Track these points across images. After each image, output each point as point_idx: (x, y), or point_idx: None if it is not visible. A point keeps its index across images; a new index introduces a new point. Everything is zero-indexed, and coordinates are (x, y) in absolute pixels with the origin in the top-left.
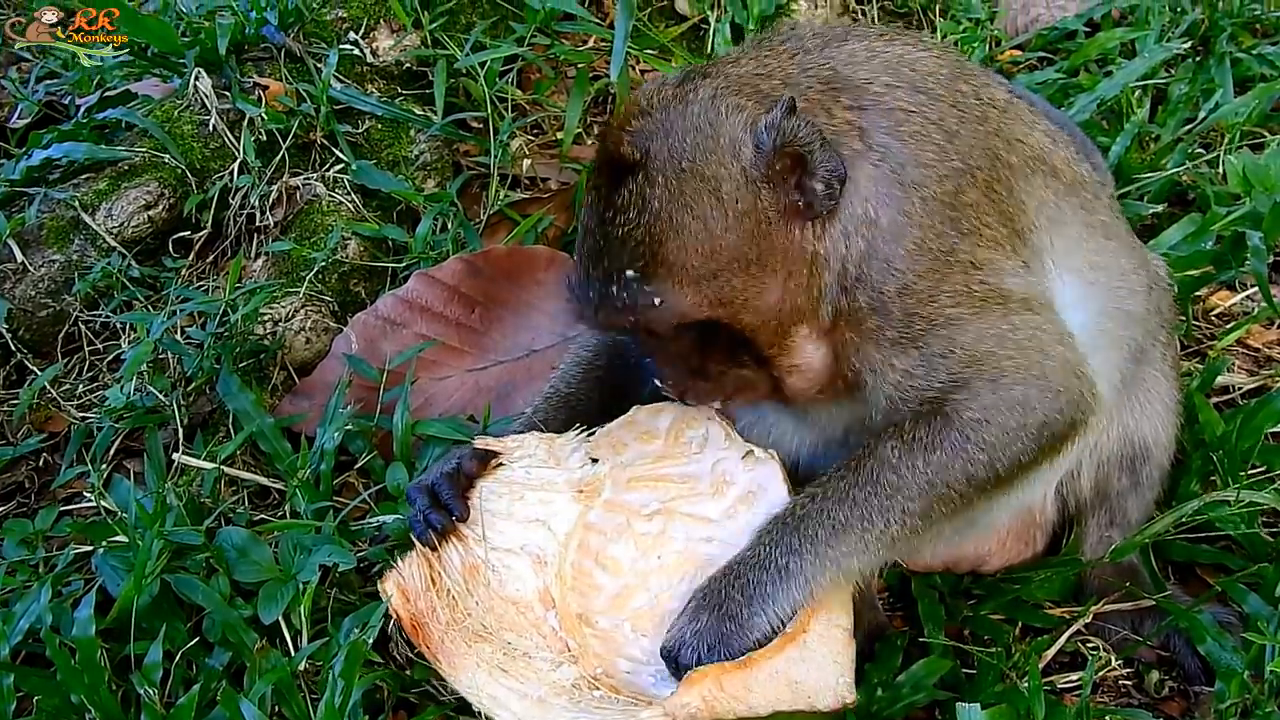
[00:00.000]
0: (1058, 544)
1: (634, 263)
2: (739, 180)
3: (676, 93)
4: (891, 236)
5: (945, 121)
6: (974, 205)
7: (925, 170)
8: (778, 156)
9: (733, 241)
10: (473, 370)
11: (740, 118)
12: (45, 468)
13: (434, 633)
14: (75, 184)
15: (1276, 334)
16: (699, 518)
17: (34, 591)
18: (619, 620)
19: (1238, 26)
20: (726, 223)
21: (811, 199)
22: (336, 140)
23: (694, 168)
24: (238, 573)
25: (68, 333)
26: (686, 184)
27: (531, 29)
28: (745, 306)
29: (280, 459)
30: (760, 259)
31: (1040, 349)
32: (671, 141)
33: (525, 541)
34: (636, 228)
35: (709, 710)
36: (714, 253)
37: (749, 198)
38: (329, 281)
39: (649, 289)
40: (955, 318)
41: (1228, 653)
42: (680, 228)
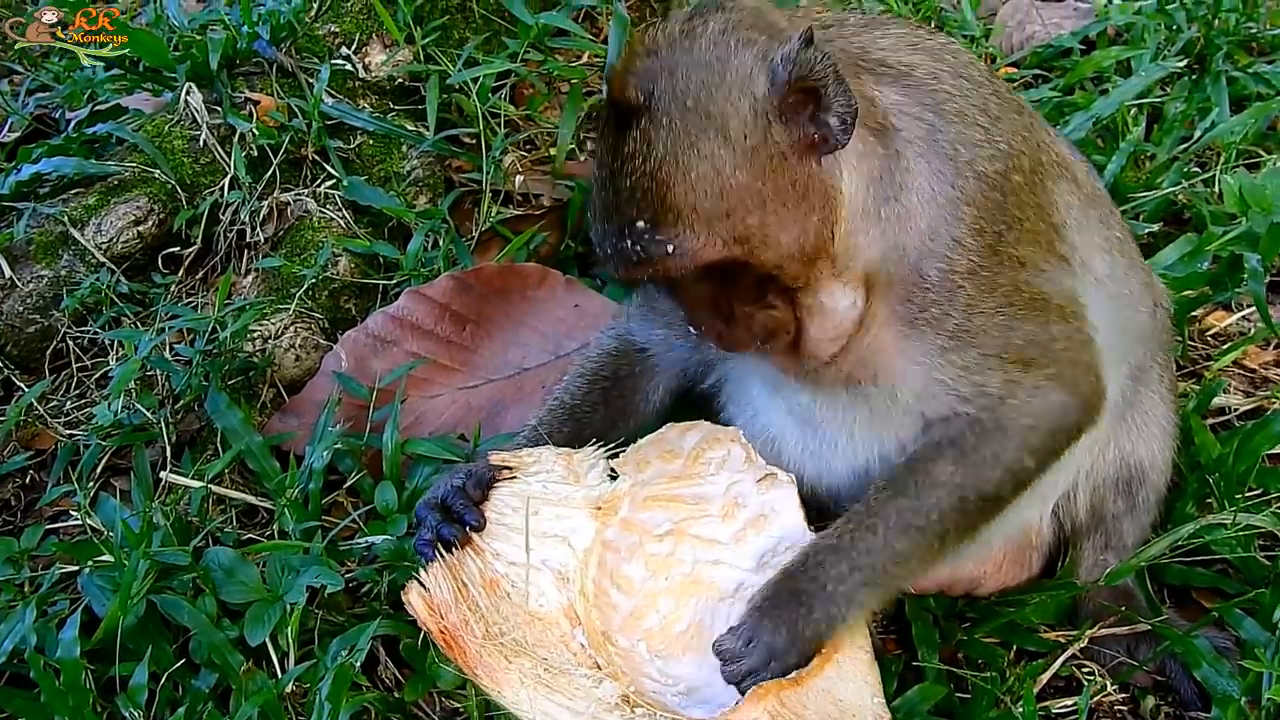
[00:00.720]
0: (1053, 567)
1: (644, 212)
2: (748, 116)
3: (684, 28)
4: (952, 214)
5: (988, 106)
6: (1017, 191)
7: (974, 149)
8: (791, 91)
9: (744, 180)
10: (463, 388)
11: (751, 51)
12: (32, 485)
13: (469, 647)
14: (64, 199)
15: (1273, 355)
16: (707, 540)
17: (18, 612)
18: (635, 640)
19: (1234, 45)
20: (736, 160)
21: (826, 133)
22: (328, 156)
23: (700, 105)
24: (225, 593)
25: (56, 349)
26: (692, 122)
27: (525, 44)
28: (764, 243)
29: (268, 478)
30: (776, 195)
31: (1073, 358)
32: (677, 80)
33: (546, 556)
34: (643, 175)
35: None
36: (724, 192)
37: (759, 133)
38: (319, 298)
39: (661, 237)
40: (1009, 316)
41: (1224, 678)
42: (688, 169)
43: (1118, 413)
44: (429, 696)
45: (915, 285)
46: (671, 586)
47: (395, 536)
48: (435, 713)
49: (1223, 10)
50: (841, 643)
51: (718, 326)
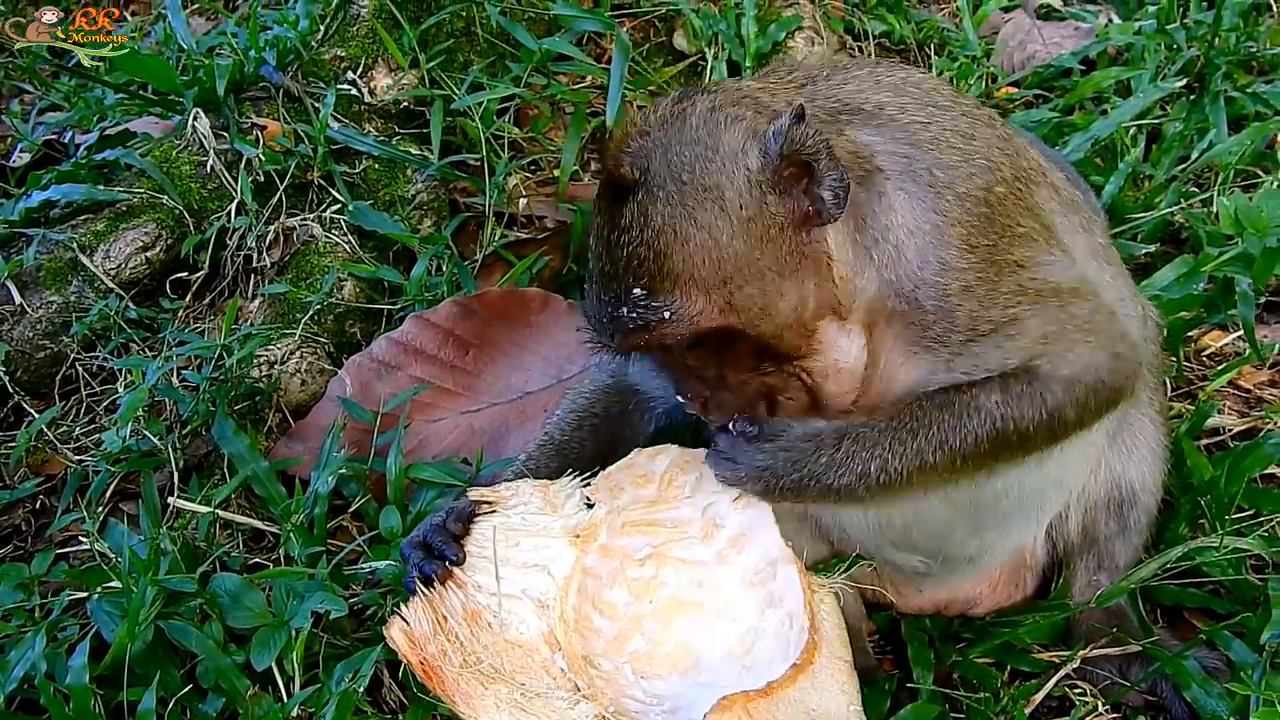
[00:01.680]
0: (1048, 588)
1: (640, 279)
2: (743, 187)
3: (674, 109)
4: (938, 239)
5: (959, 126)
6: (1003, 201)
7: (951, 171)
8: (785, 164)
9: (740, 248)
10: (466, 412)
11: (740, 127)
12: (42, 510)
13: (448, 675)
14: (73, 225)
15: (1268, 375)
16: (689, 561)
17: (29, 639)
18: (619, 663)
19: (1233, 65)
20: (733, 229)
21: (820, 206)
22: (333, 180)
23: (695, 179)
24: (231, 619)
25: (65, 375)
26: (688, 195)
27: (528, 69)
28: (761, 313)
29: (275, 503)
30: (773, 265)
31: (1101, 328)
32: (670, 156)
33: (526, 586)
34: (640, 244)
35: None
36: (722, 260)
37: (754, 204)
38: (325, 323)
39: (657, 303)
40: (1017, 316)
41: (1213, 699)
42: (685, 238)
43: (1108, 434)
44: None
45: (914, 312)
46: (656, 610)
47: (399, 561)
48: None
49: (1223, 30)
50: (816, 654)
51: (704, 394)
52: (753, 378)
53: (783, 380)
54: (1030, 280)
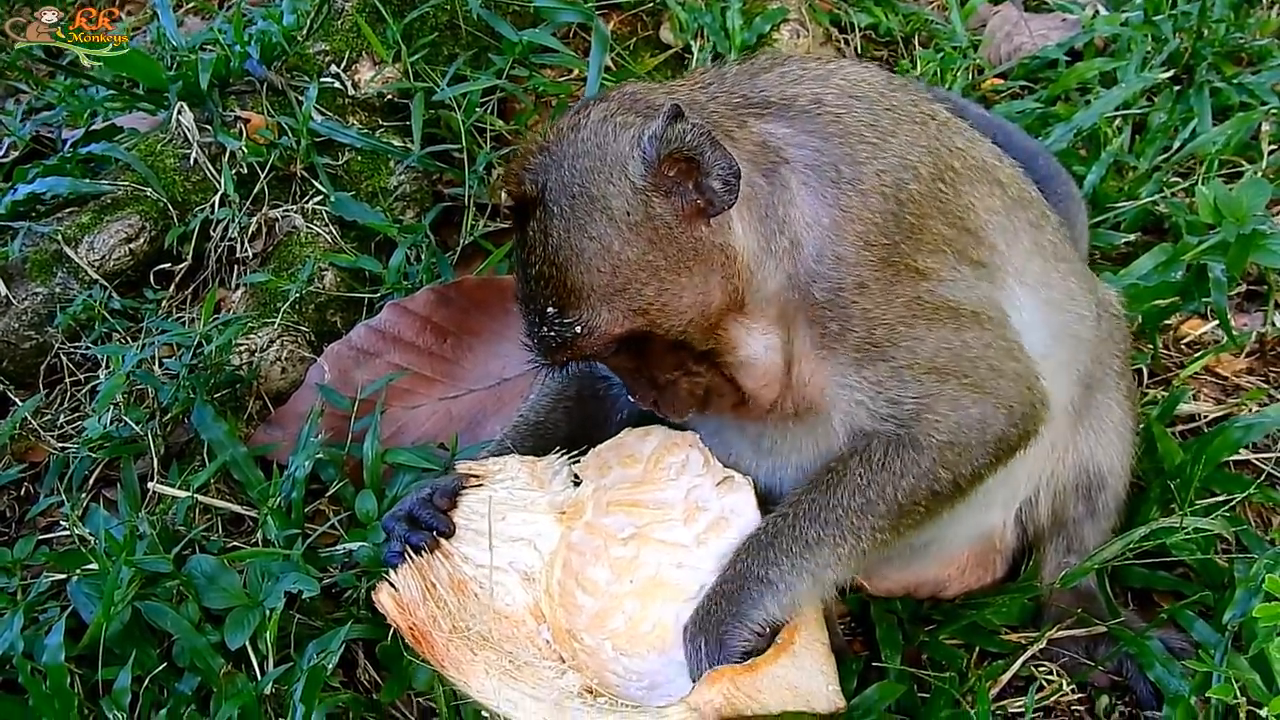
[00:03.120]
0: (1018, 570)
1: (550, 298)
2: (627, 194)
3: (570, 121)
4: (836, 233)
5: (879, 122)
6: (916, 201)
7: (859, 167)
8: (667, 164)
9: (633, 254)
10: (444, 399)
11: (627, 135)
12: (26, 497)
13: (438, 641)
14: (59, 217)
15: (1245, 363)
16: (671, 543)
17: (7, 619)
18: (600, 639)
19: (1220, 56)
20: (624, 237)
21: (711, 197)
22: (316, 172)
23: (584, 191)
24: (207, 599)
25: (49, 364)
26: (579, 208)
27: (510, 61)
28: (664, 311)
29: (252, 487)
30: (669, 263)
31: (991, 366)
32: (564, 170)
33: (512, 559)
34: (545, 263)
35: (730, 706)
36: (616, 268)
37: (640, 209)
38: (306, 312)
39: (568, 319)
40: (913, 327)
41: (1175, 678)
42: (580, 251)
43: (1072, 419)
44: (405, 697)
45: (812, 307)
46: (636, 589)
47: (375, 543)
48: (411, 713)
49: (1211, 21)
50: (795, 636)
51: (651, 394)
52: (679, 376)
53: (709, 378)
54: (928, 293)
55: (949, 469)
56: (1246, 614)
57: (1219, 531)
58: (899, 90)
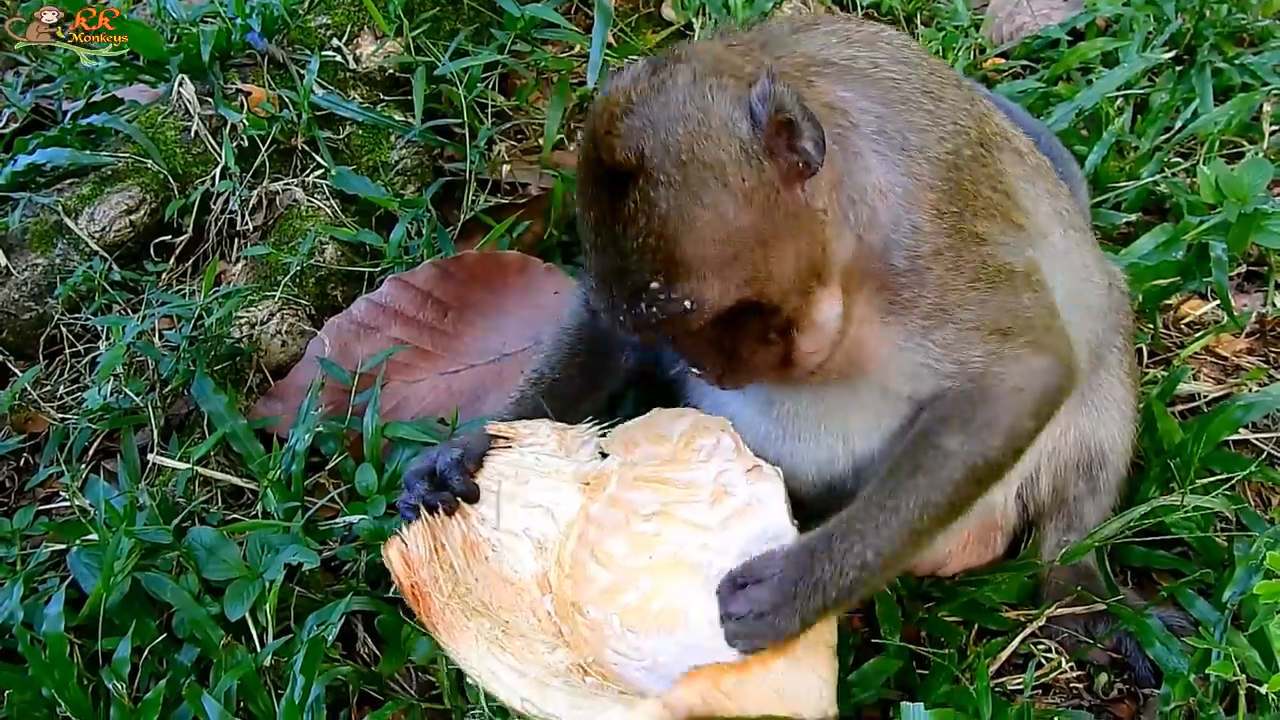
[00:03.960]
0: (1018, 548)
1: (656, 273)
2: (740, 158)
3: (654, 83)
4: (909, 201)
5: (930, 87)
6: (970, 167)
7: (924, 134)
8: (773, 125)
9: (747, 221)
10: (445, 373)
11: (726, 96)
12: (25, 468)
13: (435, 603)
14: (59, 189)
15: (1246, 343)
16: (695, 524)
17: (6, 588)
18: (609, 614)
19: (1221, 36)
20: (739, 204)
21: (807, 159)
22: (317, 146)
23: (694, 157)
24: (206, 571)
25: (50, 335)
26: (691, 175)
27: (512, 36)
28: (770, 278)
29: (252, 459)
30: (775, 229)
31: (1045, 324)
32: (664, 135)
33: (528, 525)
34: (649, 235)
35: (705, 707)
36: (730, 237)
37: (754, 173)
38: (306, 285)
39: (676, 295)
40: (979, 290)
41: (1174, 656)
42: (694, 221)
43: (1077, 395)
44: (405, 670)
45: (887, 275)
46: (654, 565)
47: (374, 516)
48: (411, 686)
49: (1212, 1)
50: (800, 637)
51: (720, 367)
52: (759, 347)
53: (779, 345)
54: (990, 256)
55: (1031, 417)
56: (1246, 592)
57: (1219, 510)
58: (927, 55)
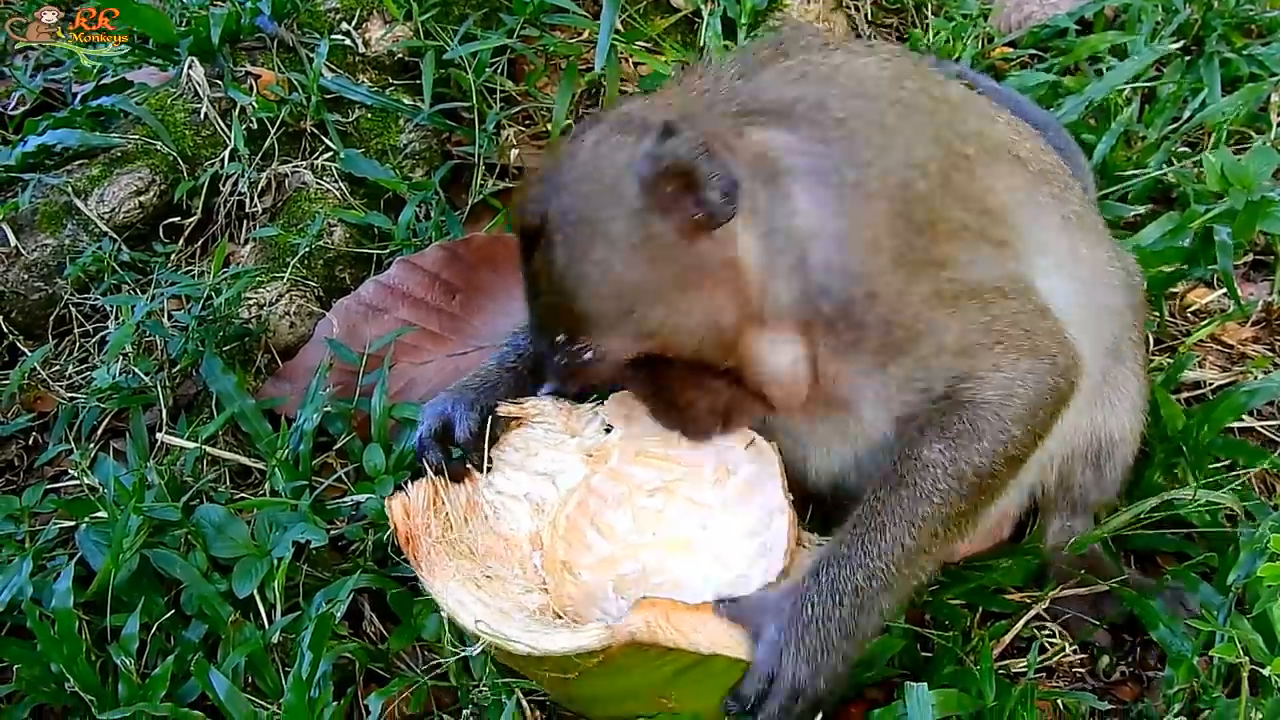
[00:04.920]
0: (1023, 531)
1: (560, 326)
2: (625, 216)
3: (568, 148)
4: (840, 242)
5: (885, 120)
6: (927, 197)
7: (864, 169)
8: (663, 181)
9: (636, 276)
10: (452, 355)
11: (621, 156)
12: (34, 446)
13: (424, 545)
14: (69, 170)
15: (1251, 331)
16: (698, 503)
17: (16, 564)
18: (604, 579)
19: (1230, 27)
20: (626, 260)
21: (711, 210)
22: (326, 129)
23: (583, 217)
24: (215, 548)
25: (59, 315)
26: (580, 234)
27: (521, 21)
28: (676, 331)
29: (260, 439)
30: (673, 283)
31: (1025, 329)
32: (563, 198)
33: (529, 490)
34: (551, 292)
35: (649, 634)
36: (620, 292)
37: (638, 230)
38: (314, 267)
39: (578, 346)
40: (936, 319)
41: (1177, 639)
42: (584, 277)
43: (1095, 391)
44: (411, 648)
45: (829, 317)
46: (659, 542)
47: (382, 496)
48: (418, 664)
49: None
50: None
51: (674, 418)
52: (698, 396)
53: (729, 394)
54: (949, 281)
55: (1017, 423)
56: (1250, 575)
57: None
58: (909, 79)
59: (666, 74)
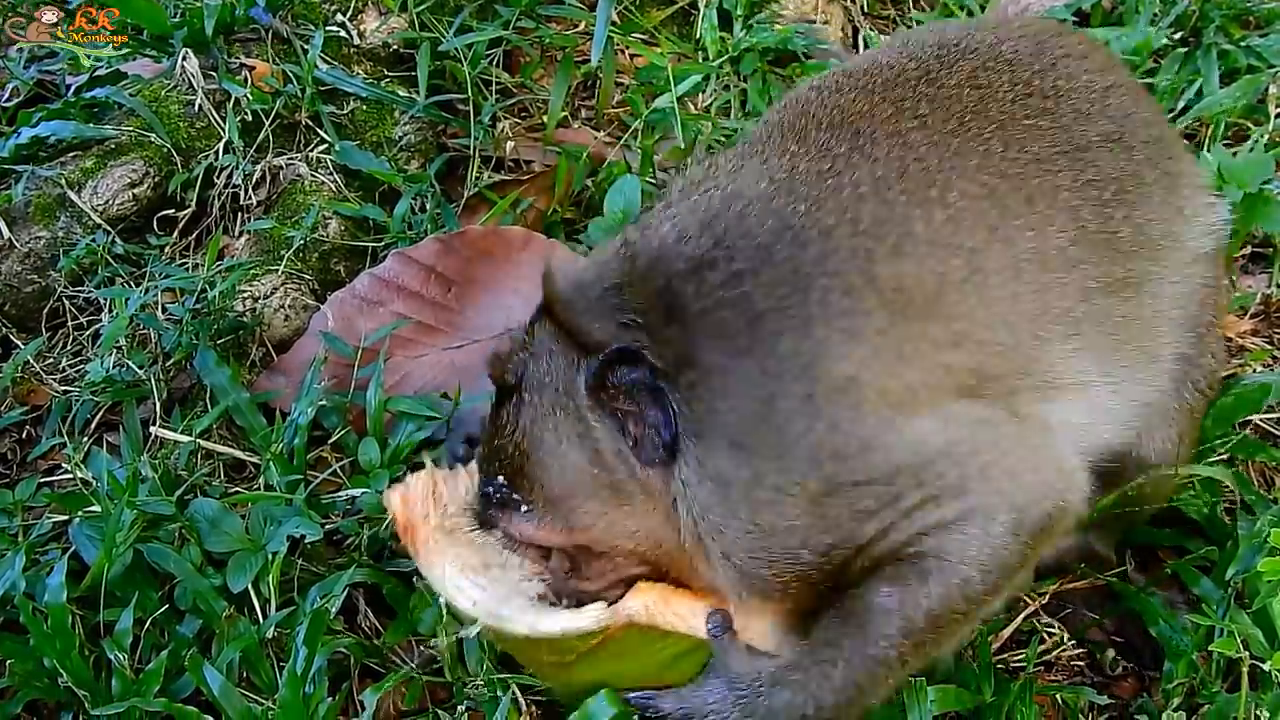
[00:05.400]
0: None
1: (506, 472)
2: (574, 410)
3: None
4: (752, 524)
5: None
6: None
7: (781, 432)
8: (609, 397)
9: (579, 469)
10: (448, 348)
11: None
12: (28, 440)
13: (422, 532)
14: (62, 162)
15: (1250, 324)
16: None
17: (8, 559)
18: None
19: (1227, 18)
20: (572, 449)
21: (643, 446)
22: (321, 121)
23: (545, 392)
24: (209, 543)
25: (52, 308)
26: (542, 408)
27: (517, 13)
28: (605, 534)
29: (255, 433)
30: (611, 490)
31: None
32: (538, 365)
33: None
34: (511, 444)
35: (646, 615)
36: (564, 470)
37: (583, 427)
38: (309, 260)
39: (516, 497)
40: (863, 527)
41: (1176, 633)
42: (538, 447)
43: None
44: (406, 643)
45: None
46: None
47: (377, 490)
48: (413, 659)
49: None
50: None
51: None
52: (613, 570)
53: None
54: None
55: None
56: (1250, 569)
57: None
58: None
59: (663, 65)
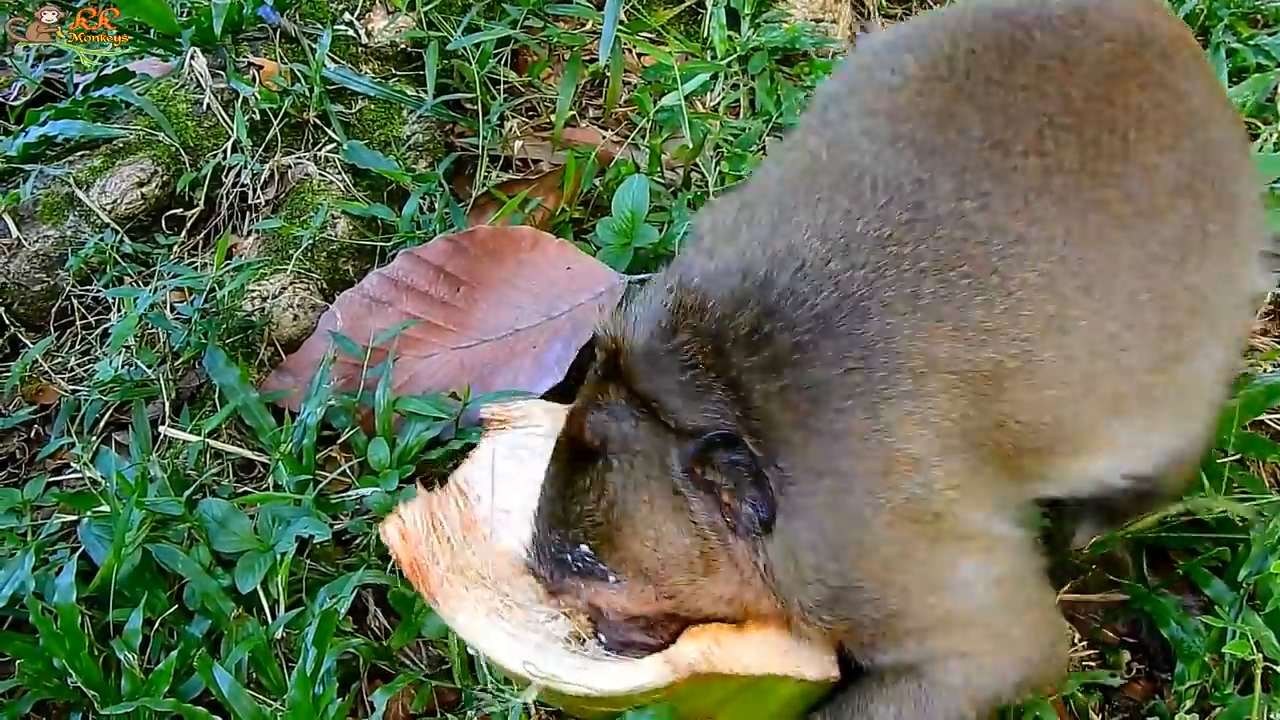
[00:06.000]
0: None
1: (590, 539)
2: (668, 482)
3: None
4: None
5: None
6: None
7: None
8: (706, 471)
9: (673, 541)
10: (457, 348)
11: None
12: (36, 439)
13: (433, 575)
14: (70, 161)
15: (1261, 323)
16: None
17: (18, 558)
18: None
19: (1236, 17)
20: (670, 515)
21: (739, 519)
22: (329, 120)
23: (640, 458)
24: (218, 543)
25: (60, 307)
26: (637, 474)
27: (525, 12)
28: (692, 599)
29: (264, 433)
30: (702, 559)
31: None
32: (625, 428)
33: (523, 502)
34: (595, 509)
35: (706, 663)
36: (658, 542)
37: (680, 501)
38: (318, 260)
39: (603, 569)
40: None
41: (1189, 635)
42: (630, 519)
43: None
44: (416, 645)
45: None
46: None
47: (386, 490)
48: (422, 660)
49: None
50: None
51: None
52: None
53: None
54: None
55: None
56: (1263, 571)
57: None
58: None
59: (670, 65)
